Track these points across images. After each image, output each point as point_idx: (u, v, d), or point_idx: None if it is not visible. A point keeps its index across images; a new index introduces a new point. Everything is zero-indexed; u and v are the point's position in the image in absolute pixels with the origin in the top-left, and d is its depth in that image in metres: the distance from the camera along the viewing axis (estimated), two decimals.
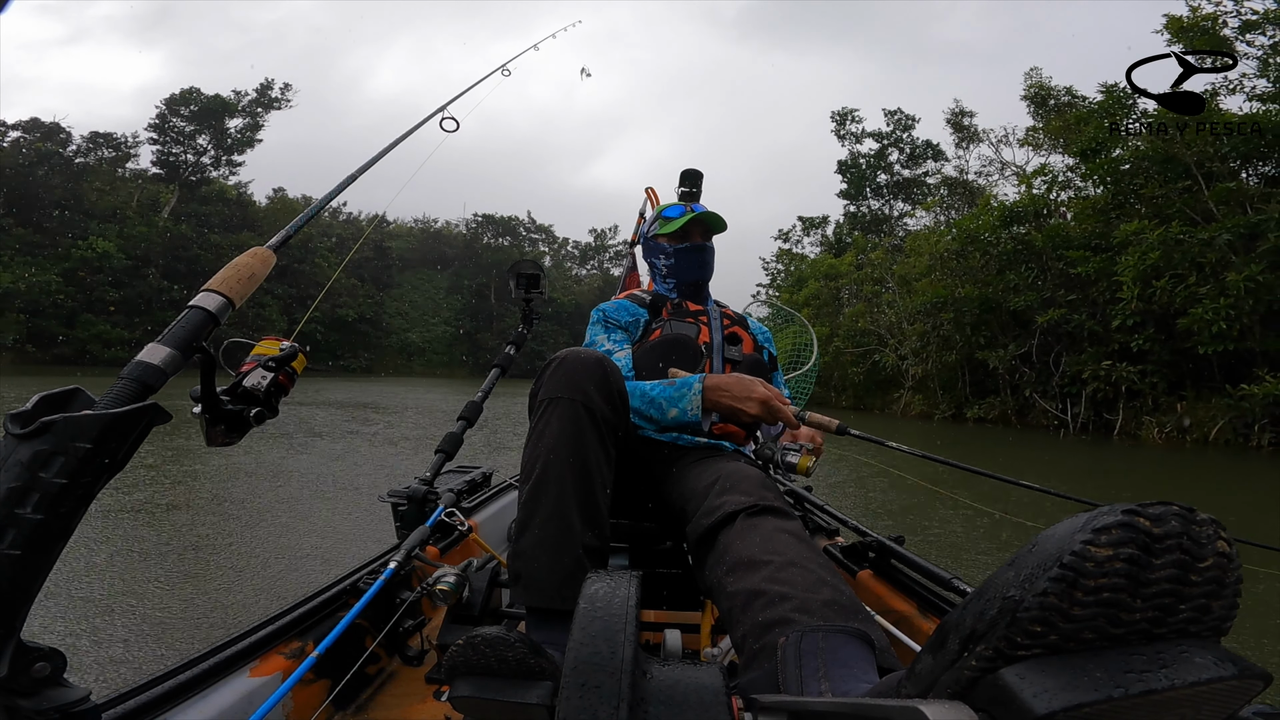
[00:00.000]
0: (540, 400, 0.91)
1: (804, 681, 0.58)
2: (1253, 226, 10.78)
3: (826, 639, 0.61)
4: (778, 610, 0.67)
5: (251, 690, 0.81)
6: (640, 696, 0.49)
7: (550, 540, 0.82)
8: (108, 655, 2.09)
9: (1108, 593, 0.36)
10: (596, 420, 0.89)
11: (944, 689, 0.40)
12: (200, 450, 5.78)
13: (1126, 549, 0.36)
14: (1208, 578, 0.37)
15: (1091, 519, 0.37)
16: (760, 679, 0.63)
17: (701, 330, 1.31)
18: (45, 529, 0.47)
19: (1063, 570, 0.36)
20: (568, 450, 0.86)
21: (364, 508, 4.07)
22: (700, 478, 0.99)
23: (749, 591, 0.71)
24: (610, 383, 0.93)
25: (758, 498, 0.86)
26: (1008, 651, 0.37)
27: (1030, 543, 0.39)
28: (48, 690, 0.51)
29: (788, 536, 0.79)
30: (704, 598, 1.21)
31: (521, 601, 0.82)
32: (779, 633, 0.64)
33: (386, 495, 1.35)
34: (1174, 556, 0.37)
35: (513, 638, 0.58)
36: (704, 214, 1.40)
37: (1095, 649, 0.37)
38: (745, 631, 0.69)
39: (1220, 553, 0.38)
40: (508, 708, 0.57)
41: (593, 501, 0.86)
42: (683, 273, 1.41)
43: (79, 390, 0.52)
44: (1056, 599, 0.36)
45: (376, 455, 6.79)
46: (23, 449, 0.47)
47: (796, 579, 0.70)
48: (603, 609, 0.53)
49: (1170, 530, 0.37)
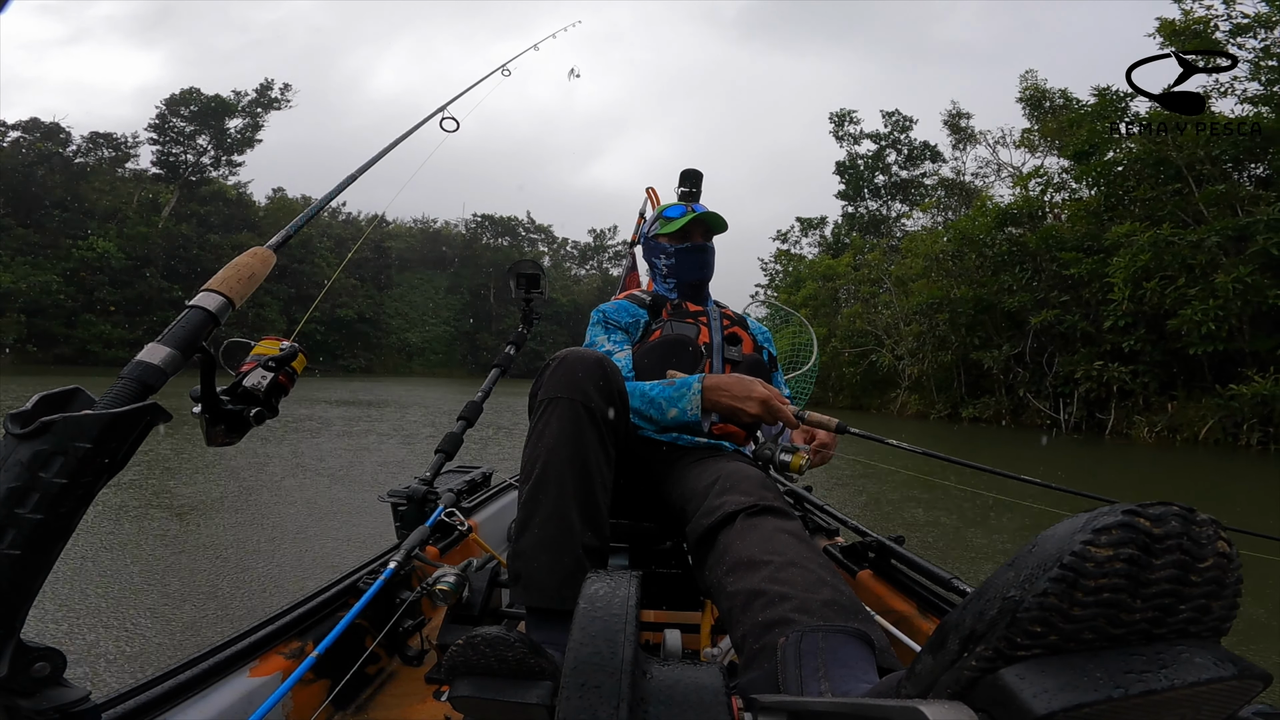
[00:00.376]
0: (540, 400, 0.91)
1: (804, 681, 0.58)
2: (1241, 229, 10.86)
3: (826, 639, 0.62)
4: (778, 610, 0.67)
5: (251, 690, 0.81)
6: (640, 696, 0.49)
7: (550, 540, 0.82)
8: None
9: (1108, 593, 0.36)
10: (596, 420, 0.89)
11: (944, 689, 0.40)
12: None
13: (1127, 549, 0.36)
14: (1208, 578, 0.38)
15: (1091, 519, 0.37)
16: (760, 679, 0.63)
17: (701, 330, 1.32)
18: (45, 529, 0.47)
19: (1063, 571, 0.36)
20: (568, 450, 0.86)
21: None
22: (700, 477, 0.99)
23: (749, 591, 0.71)
24: (611, 382, 0.93)
25: (757, 498, 0.86)
26: (1008, 652, 0.37)
27: (1030, 543, 0.39)
28: (47, 690, 0.51)
29: (788, 537, 0.79)
30: (704, 598, 1.21)
31: (521, 602, 0.82)
32: (779, 633, 0.64)
33: (386, 495, 1.35)
34: (1174, 557, 0.37)
35: (512, 637, 0.58)
36: (705, 214, 1.40)
37: (1095, 649, 0.37)
38: (745, 631, 0.69)
39: (1220, 553, 0.38)
40: (508, 708, 0.57)
41: (593, 501, 0.86)
42: (683, 273, 1.41)
43: (79, 390, 0.52)
44: (1057, 599, 0.36)
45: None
46: (23, 449, 0.47)
47: (796, 579, 0.70)
48: (603, 609, 0.53)
49: (1171, 530, 0.37)
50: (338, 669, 0.93)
